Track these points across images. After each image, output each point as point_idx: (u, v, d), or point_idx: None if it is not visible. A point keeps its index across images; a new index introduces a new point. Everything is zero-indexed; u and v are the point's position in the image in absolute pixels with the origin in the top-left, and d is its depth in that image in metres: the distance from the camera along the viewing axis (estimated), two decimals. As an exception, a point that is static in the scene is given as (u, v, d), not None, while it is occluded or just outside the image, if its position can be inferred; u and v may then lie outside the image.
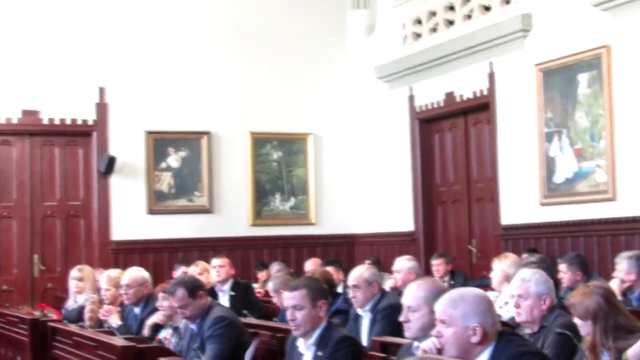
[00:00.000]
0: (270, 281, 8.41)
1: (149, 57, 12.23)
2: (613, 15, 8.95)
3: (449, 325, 3.84)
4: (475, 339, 3.80)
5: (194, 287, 6.22)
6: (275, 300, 7.74)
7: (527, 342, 4.05)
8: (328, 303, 5.09)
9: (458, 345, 3.82)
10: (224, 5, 12.68)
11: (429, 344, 3.90)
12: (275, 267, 10.58)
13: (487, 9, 10.78)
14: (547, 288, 5.27)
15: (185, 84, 12.38)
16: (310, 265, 10.17)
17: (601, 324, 4.55)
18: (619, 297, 6.87)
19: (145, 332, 7.15)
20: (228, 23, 12.66)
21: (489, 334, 3.82)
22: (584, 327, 4.64)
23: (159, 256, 12.08)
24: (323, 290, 5.12)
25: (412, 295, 4.47)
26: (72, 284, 8.71)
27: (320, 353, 4.87)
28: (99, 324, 7.85)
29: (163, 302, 6.72)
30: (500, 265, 7.25)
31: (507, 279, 7.06)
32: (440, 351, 3.85)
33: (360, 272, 6.66)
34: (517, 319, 5.31)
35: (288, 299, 5.08)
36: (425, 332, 4.32)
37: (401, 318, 4.48)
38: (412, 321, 4.41)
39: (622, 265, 7.36)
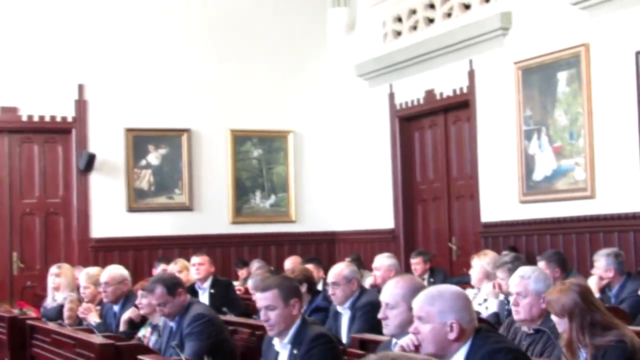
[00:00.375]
0: (250, 279, 8.41)
1: (129, 54, 12.20)
2: (591, 14, 8.99)
3: (426, 321, 3.85)
4: (452, 336, 3.81)
5: (173, 285, 6.20)
6: (255, 298, 7.73)
7: (503, 338, 4.07)
8: (301, 301, 5.08)
9: (435, 342, 3.82)
10: (204, 3, 12.66)
11: (406, 340, 3.91)
12: (255, 265, 10.56)
13: (467, 7, 10.81)
14: (547, 286, 5.17)
15: (165, 81, 12.36)
16: (290, 263, 10.17)
17: (577, 321, 4.57)
18: (597, 294, 6.92)
19: (121, 327, 7.15)
20: (208, 20, 12.64)
21: (466, 331, 3.83)
22: (561, 324, 4.66)
23: (139, 254, 12.05)
24: (295, 289, 5.11)
25: (390, 292, 4.47)
26: (50, 280, 8.67)
27: (295, 351, 4.87)
28: (78, 322, 7.82)
29: (142, 300, 6.70)
30: (480, 262, 7.26)
31: (487, 276, 7.09)
32: (417, 348, 3.86)
33: (340, 269, 6.67)
34: (515, 317, 5.22)
35: (260, 299, 5.08)
36: (403, 329, 4.33)
37: (379, 315, 4.48)
38: (390, 318, 4.42)
39: (601, 263, 7.39)
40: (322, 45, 13.25)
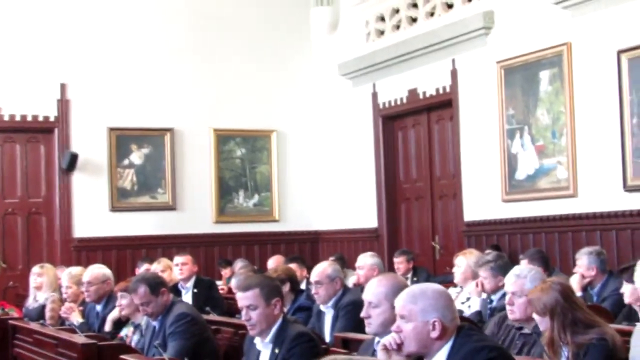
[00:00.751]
0: (233, 278, 8.40)
1: (111, 53, 12.16)
2: (573, 13, 9.02)
3: (409, 320, 3.85)
4: (434, 334, 3.81)
5: (156, 284, 6.19)
6: (237, 297, 7.72)
7: (486, 337, 4.07)
8: (282, 301, 5.08)
9: (418, 340, 3.83)
10: (187, 3, 12.64)
11: (389, 339, 3.91)
12: (238, 265, 10.55)
13: (450, 6, 10.83)
14: None
15: (148, 80, 12.33)
16: (273, 262, 10.15)
17: (559, 319, 4.58)
18: (579, 293, 6.96)
19: (107, 327, 7.14)
20: (191, 19, 12.62)
21: (448, 329, 3.83)
22: (542, 323, 4.68)
23: (122, 253, 12.02)
24: (276, 289, 5.10)
25: (373, 291, 4.48)
26: (32, 280, 8.64)
27: (277, 350, 4.87)
28: (61, 322, 7.80)
29: (122, 301, 6.68)
30: (466, 261, 7.25)
31: (473, 275, 7.08)
32: (400, 346, 3.86)
33: (323, 268, 6.68)
34: (510, 317, 5.17)
35: (241, 299, 5.07)
36: (386, 327, 4.33)
37: (362, 314, 4.49)
38: (373, 317, 4.42)
39: (583, 261, 7.42)
40: (305, 44, 13.25)
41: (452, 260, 7.69)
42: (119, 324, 7.09)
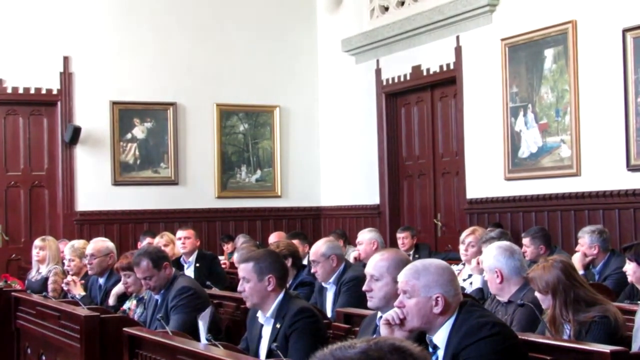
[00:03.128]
0: (236, 252, 8.41)
1: (115, 26, 12.12)
2: (579, -9, 9.00)
3: (411, 295, 3.86)
4: (437, 310, 3.82)
5: (158, 258, 6.21)
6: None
7: (488, 312, 4.08)
8: (279, 278, 5.06)
9: (420, 316, 3.84)
10: (191, -24, 12.60)
11: (392, 314, 3.91)
12: (241, 240, 10.56)
13: (455, -17, 10.78)
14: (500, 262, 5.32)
15: (152, 54, 12.29)
16: (274, 238, 10.15)
17: (561, 297, 4.60)
18: (581, 271, 6.97)
19: (110, 301, 7.15)
20: (195, -6, 12.58)
21: (451, 305, 3.84)
22: (545, 301, 4.69)
23: (124, 227, 12.04)
24: (273, 265, 5.06)
25: (375, 264, 4.49)
26: (34, 253, 8.66)
27: (278, 325, 4.88)
28: (63, 294, 7.81)
29: (127, 280, 6.67)
30: (477, 239, 7.27)
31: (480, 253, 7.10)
32: (402, 321, 3.87)
33: (318, 247, 6.69)
34: (492, 292, 5.39)
35: (240, 270, 5.16)
36: (388, 301, 4.34)
37: (364, 287, 4.50)
38: (374, 290, 4.43)
39: (585, 240, 7.43)
40: (309, 21, 13.21)
41: (455, 237, 7.71)
42: (122, 297, 7.10)
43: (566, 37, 9.14)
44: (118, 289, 7.13)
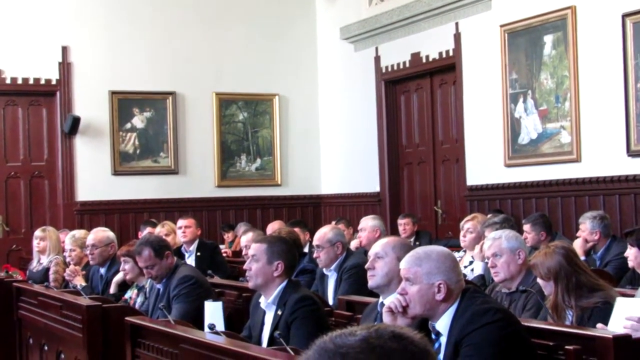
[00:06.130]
0: (245, 235, 8.33)
1: (114, 16, 12.09)
2: (579, -24, 8.98)
3: (414, 282, 3.87)
4: (439, 296, 3.83)
5: (160, 247, 6.21)
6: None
7: (490, 298, 4.10)
8: (288, 266, 5.08)
9: (423, 303, 3.84)
10: (189, -35, 12.56)
11: (394, 301, 3.92)
12: (242, 228, 10.57)
13: (454, -31, 10.76)
14: (520, 243, 5.32)
15: (151, 43, 12.27)
16: (273, 227, 10.13)
17: (563, 283, 4.60)
18: (582, 257, 6.97)
19: (112, 289, 7.17)
20: (193, -18, 12.55)
21: (454, 292, 3.85)
22: (547, 287, 4.70)
23: (124, 217, 12.04)
24: (285, 254, 5.09)
25: (380, 244, 4.57)
26: (35, 243, 8.66)
27: (280, 312, 4.90)
28: (64, 284, 7.82)
29: (125, 266, 6.70)
30: (478, 226, 7.29)
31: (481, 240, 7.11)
32: (405, 309, 3.87)
33: (324, 232, 6.70)
34: (496, 279, 5.32)
35: (252, 248, 5.21)
36: (389, 280, 4.38)
37: (367, 265, 4.54)
38: (377, 268, 4.47)
39: (586, 225, 7.44)
40: (308, 9, 13.18)
41: (455, 225, 7.71)
42: (123, 286, 7.11)
43: (565, 23, 9.12)
44: (119, 277, 7.15)
